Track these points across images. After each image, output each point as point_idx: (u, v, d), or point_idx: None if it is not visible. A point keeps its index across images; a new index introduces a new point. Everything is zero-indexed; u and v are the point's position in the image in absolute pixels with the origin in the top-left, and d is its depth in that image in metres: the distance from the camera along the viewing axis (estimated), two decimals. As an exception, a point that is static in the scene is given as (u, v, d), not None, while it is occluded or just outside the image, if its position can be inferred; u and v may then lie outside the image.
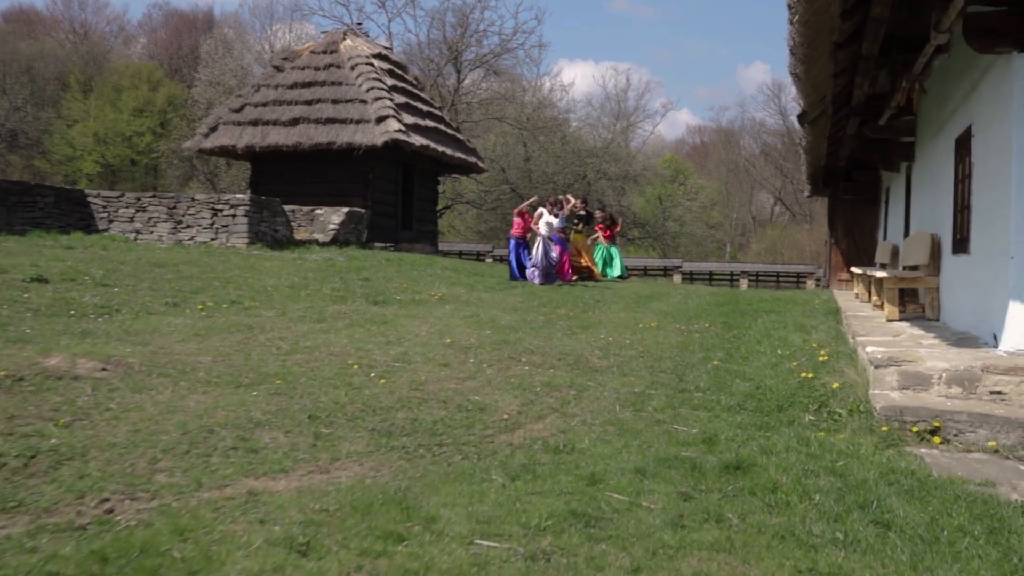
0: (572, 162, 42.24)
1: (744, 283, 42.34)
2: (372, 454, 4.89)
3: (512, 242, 17.88)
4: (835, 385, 6.75)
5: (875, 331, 8.74)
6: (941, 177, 10.36)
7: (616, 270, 20.34)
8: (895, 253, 15.31)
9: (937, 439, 5.64)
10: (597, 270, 19.72)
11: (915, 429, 5.68)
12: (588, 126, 51.66)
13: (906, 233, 14.28)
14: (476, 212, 45.50)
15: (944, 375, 6.06)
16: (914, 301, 12.79)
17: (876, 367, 6.20)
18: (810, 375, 7.45)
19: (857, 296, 16.22)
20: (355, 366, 7.11)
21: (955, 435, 5.63)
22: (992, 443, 5.52)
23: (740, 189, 73.03)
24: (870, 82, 11.18)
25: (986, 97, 7.83)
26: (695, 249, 55.06)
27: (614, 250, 20.66)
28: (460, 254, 39.47)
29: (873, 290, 12.64)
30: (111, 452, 4.55)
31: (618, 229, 21.67)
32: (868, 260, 20.23)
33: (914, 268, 12.11)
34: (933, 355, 6.37)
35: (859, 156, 18.37)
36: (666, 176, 55.51)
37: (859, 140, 15.64)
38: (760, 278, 44.69)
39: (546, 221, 17.22)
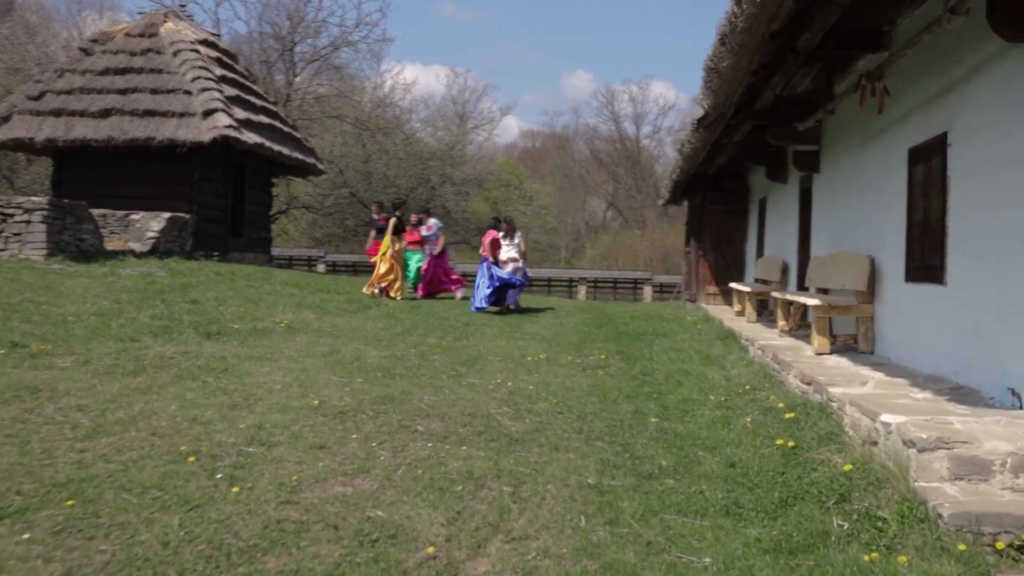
0: (414, 165, 40.00)
1: (582, 290, 41.60)
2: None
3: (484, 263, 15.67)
4: (846, 467, 5.14)
5: (837, 377, 7.27)
6: (879, 192, 9.10)
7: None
8: (785, 270, 14.25)
9: (1028, 558, 4.10)
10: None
11: (999, 545, 4.12)
12: (430, 127, 49.62)
13: (802, 250, 13.16)
14: (311, 217, 42.53)
15: (1009, 461, 4.56)
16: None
17: (920, 450, 4.63)
18: (790, 443, 5.85)
19: (740, 314, 15.12)
20: (191, 457, 4.92)
21: (1048, 551, 4.11)
22: (1101, 563, 4.03)
23: (574, 194, 73.06)
24: (785, 82, 9.92)
25: (984, 98, 6.48)
26: (531, 255, 53.99)
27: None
28: (291, 260, 36.65)
29: (780, 313, 11.38)
30: None
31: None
32: (738, 274, 19.33)
33: (824, 291, 10.94)
34: (983, 431, 4.88)
35: (731, 164, 17.40)
36: (507, 181, 54.26)
37: (742, 147, 14.54)
38: (598, 284, 44.20)
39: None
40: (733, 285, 16.15)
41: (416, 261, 17.57)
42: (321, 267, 38.02)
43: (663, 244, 58.09)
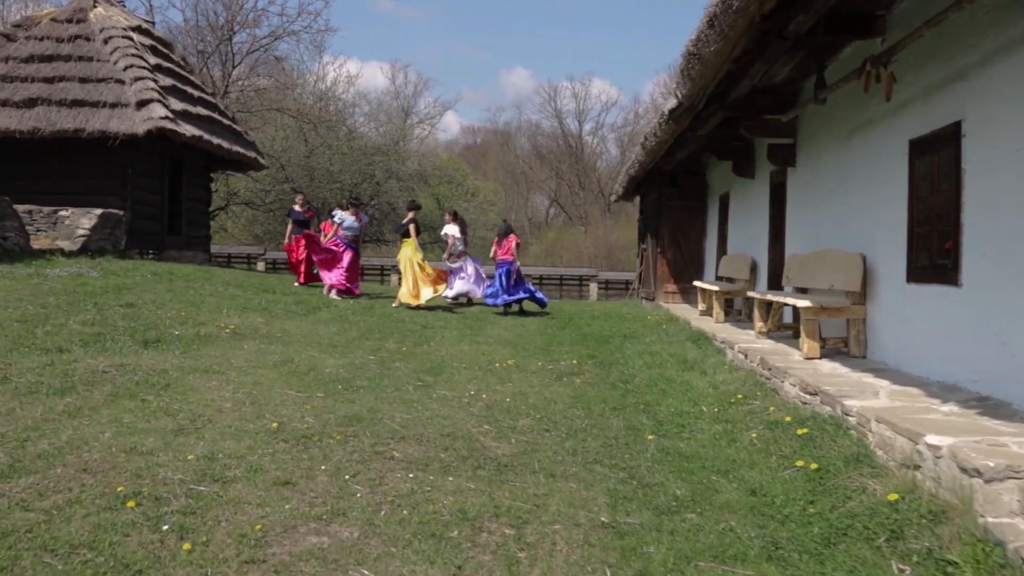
0: (358, 160, 38.87)
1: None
2: None
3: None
4: (890, 496, 4.52)
5: (843, 386, 6.68)
6: (870, 186, 8.58)
7: None
8: (754, 268, 13.74)
9: None
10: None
11: (1095, 596, 3.53)
12: (374, 122, 48.46)
13: (774, 248, 12.65)
14: (251, 213, 41.10)
15: (1086, 492, 3.98)
16: (791, 326, 11.22)
17: (987, 480, 4.04)
18: (813, 465, 5.23)
19: (705, 313, 14.61)
20: (131, 502, 4.10)
21: None
22: None
23: (517, 191, 72.58)
24: (765, 71, 9.36)
25: (1009, 83, 5.93)
26: (473, 252, 53.18)
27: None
28: (229, 258, 35.39)
29: (758, 314, 10.82)
30: None
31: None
32: (696, 271, 18.84)
33: (803, 291, 10.43)
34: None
35: (690, 159, 16.89)
36: (451, 176, 53.40)
37: (706, 141, 14.02)
38: (543, 281, 43.74)
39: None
40: (699, 283, 15.62)
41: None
42: (261, 265, 36.81)
43: (607, 240, 57.77)
